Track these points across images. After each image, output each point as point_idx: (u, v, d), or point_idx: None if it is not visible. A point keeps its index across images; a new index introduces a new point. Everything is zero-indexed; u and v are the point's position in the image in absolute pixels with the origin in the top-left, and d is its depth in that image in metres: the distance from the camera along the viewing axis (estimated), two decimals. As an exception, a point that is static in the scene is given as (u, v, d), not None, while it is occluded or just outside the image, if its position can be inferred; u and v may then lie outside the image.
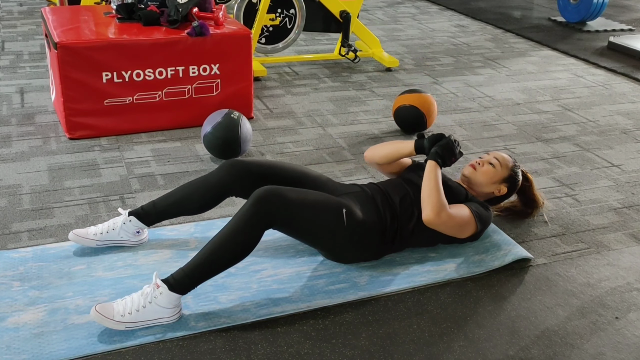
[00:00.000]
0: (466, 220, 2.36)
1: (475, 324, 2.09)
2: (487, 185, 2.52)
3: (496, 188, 2.53)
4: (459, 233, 2.37)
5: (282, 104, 3.90)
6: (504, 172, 2.52)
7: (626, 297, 2.26)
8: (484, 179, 2.51)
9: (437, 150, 2.37)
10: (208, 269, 2.01)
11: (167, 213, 2.35)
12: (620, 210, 2.84)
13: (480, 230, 2.43)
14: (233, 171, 2.30)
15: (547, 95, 4.27)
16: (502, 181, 2.53)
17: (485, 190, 2.52)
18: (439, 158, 2.36)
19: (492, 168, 2.52)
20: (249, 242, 2.06)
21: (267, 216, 2.06)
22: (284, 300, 2.15)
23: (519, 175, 2.57)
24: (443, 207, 2.28)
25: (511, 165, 2.55)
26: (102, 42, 3.17)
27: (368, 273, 2.31)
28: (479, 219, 2.39)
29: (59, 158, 3.07)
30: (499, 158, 2.54)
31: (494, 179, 2.51)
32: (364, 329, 2.04)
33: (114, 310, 1.96)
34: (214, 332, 2.00)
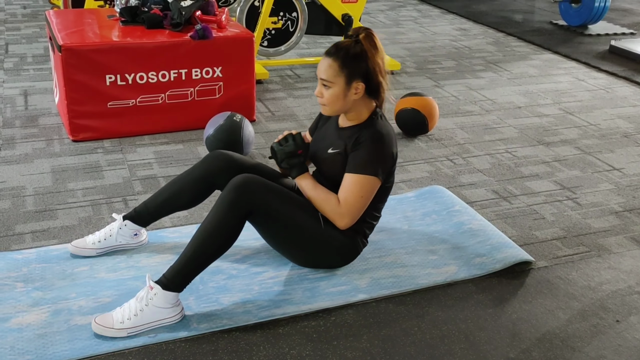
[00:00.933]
0: (362, 189, 2.15)
1: (476, 327, 2.09)
2: (345, 104, 2.18)
3: (353, 94, 2.16)
4: (370, 199, 2.19)
5: (284, 106, 3.91)
6: (341, 79, 2.13)
7: (627, 300, 2.26)
8: (337, 105, 2.18)
9: (284, 166, 2.25)
10: (196, 262, 2.02)
11: (159, 212, 2.35)
12: (622, 213, 2.84)
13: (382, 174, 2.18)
14: (217, 162, 2.30)
15: (548, 98, 4.28)
16: (349, 84, 2.13)
17: (350, 106, 2.19)
18: (292, 169, 2.23)
19: (329, 90, 2.16)
20: (232, 229, 2.05)
21: (245, 200, 2.05)
22: (286, 302, 2.16)
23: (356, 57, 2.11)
24: (337, 209, 2.16)
25: (340, 64, 2.11)
26: (106, 45, 3.19)
27: (369, 275, 2.31)
28: (369, 171, 2.15)
29: (62, 160, 3.09)
30: (325, 75, 2.14)
31: (341, 94, 2.15)
32: (365, 331, 2.05)
33: (113, 319, 1.97)
34: (216, 333, 2.01)
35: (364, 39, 2.14)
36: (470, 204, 2.85)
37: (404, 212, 2.75)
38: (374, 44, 2.15)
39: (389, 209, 2.74)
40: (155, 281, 2.01)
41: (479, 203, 2.88)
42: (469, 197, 2.93)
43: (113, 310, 2.01)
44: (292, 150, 2.24)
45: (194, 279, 2.05)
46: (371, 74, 2.15)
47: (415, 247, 2.50)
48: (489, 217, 2.75)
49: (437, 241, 2.54)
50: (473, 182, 3.07)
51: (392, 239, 2.55)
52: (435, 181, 3.07)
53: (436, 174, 3.14)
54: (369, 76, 2.15)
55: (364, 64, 2.13)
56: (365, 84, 2.16)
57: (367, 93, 2.19)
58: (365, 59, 2.13)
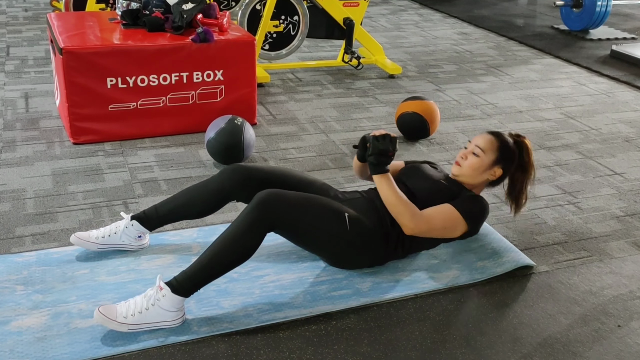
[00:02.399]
0: (449, 221, 2.29)
1: (477, 331, 2.09)
2: (477, 176, 2.40)
3: (489, 174, 2.41)
4: (448, 234, 2.33)
5: (285, 110, 3.91)
6: (491, 156, 2.38)
7: (629, 305, 2.26)
8: (471, 172, 2.39)
9: (371, 160, 2.26)
10: (210, 271, 2.02)
11: (168, 218, 2.35)
12: (623, 218, 2.84)
13: (472, 227, 2.36)
14: (234, 176, 2.30)
15: (549, 103, 4.28)
16: (493, 165, 2.39)
17: (478, 181, 2.42)
18: (377, 167, 2.25)
19: (476, 158, 2.39)
20: (251, 244, 2.06)
21: (269, 219, 2.07)
22: (287, 305, 2.16)
23: (511, 150, 2.41)
24: (414, 214, 2.22)
25: (498, 145, 2.39)
26: (107, 48, 3.19)
27: (370, 279, 2.31)
28: (468, 217, 2.31)
29: (62, 163, 3.08)
30: (481, 145, 2.39)
31: (481, 168, 2.39)
32: (365, 335, 2.04)
33: (117, 311, 1.96)
34: (217, 337, 2.00)
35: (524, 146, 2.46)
36: (472, 208, 2.84)
37: (405, 216, 2.74)
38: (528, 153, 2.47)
39: (390, 212, 2.73)
40: (166, 282, 2.01)
41: (480, 207, 2.87)
42: (470, 201, 2.92)
43: (118, 303, 2.01)
44: (386, 148, 2.24)
45: (203, 287, 2.04)
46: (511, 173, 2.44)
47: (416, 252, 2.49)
48: (490, 222, 2.74)
49: (439, 246, 2.53)
50: (474, 186, 3.06)
51: (393, 243, 2.54)
52: (437, 185, 3.06)
53: (437, 178, 3.14)
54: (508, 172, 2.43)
55: (514, 162, 2.42)
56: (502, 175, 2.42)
57: (496, 182, 2.45)
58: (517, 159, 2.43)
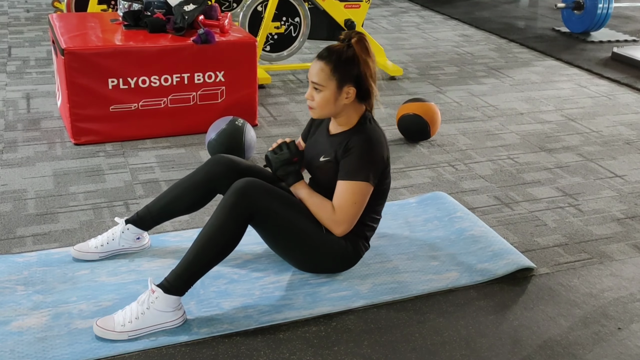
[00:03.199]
0: (354, 195, 2.15)
1: (478, 333, 2.09)
2: (335, 108, 2.16)
3: (344, 98, 2.14)
4: (364, 204, 2.19)
5: (286, 111, 3.91)
6: (332, 83, 2.12)
7: (629, 307, 2.25)
8: (328, 108, 2.16)
9: (280, 175, 2.24)
10: (198, 266, 2.02)
11: (161, 216, 2.35)
12: (624, 220, 2.84)
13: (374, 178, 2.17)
14: (218, 166, 2.30)
15: (550, 105, 4.28)
16: (340, 89, 2.12)
17: (341, 110, 2.18)
18: (288, 178, 2.23)
19: (320, 93, 2.15)
20: (233, 233, 2.05)
21: (247, 205, 2.06)
22: (287, 307, 2.16)
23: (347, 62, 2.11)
24: (332, 216, 2.16)
25: (331, 68, 2.11)
26: (109, 49, 3.19)
27: (370, 281, 2.31)
28: (360, 177, 2.14)
29: (64, 163, 3.09)
30: (316, 78, 2.13)
31: (332, 99, 2.14)
32: (365, 337, 2.04)
33: (115, 321, 1.97)
34: (217, 338, 2.00)
35: (356, 44, 2.14)
36: (472, 210, 2.84)
37: (405, 218, 2.75)
38: (365, 48, 2.15)
39: (390, 214, 2.74)
40: (157, 285, 2.01)
41: (481, 209, 2.87)
42: (470, 203, 2.92)
43: (115, 313, 2.01)
44: (287, 158, 2.24)
45: (195, 282, 2.04)
46: (362, 78, 2.15)
47: (416, 253, 2.49)
48: (490, 224, 2.74)
49: (439, 247, 2.54)
50: (475, 188, 3.07)
51: (393, 244, 2.55)
52: (437, 187, 3.06)
53: (438, 179, 3.14)
54: (360, 81, 2.15)
55: (355, 69, 2.13)
56: (356, 88, 2.16)
57: (357, 97, 2.19)
58: (357, 64, 2.13)
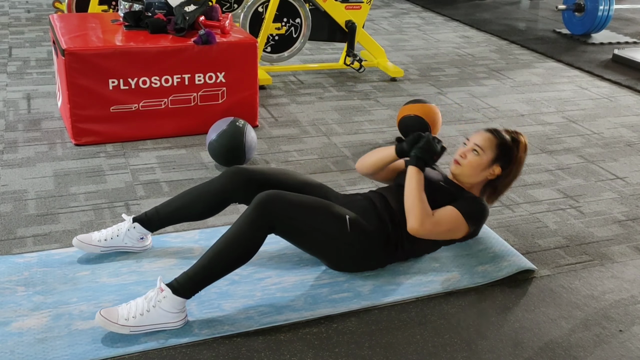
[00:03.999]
0: (453, 223, 2.28)
1: (479, 335, 2.08)
2: (476, 175, 2.37)
3: (488, 173, 2.37)
4: (449, 236, 2.32)
5: (287, 112, 3.91)
6: (490, 154, 2.35)
7: (630, 310, 2.25)
8: (471, 171, 2.37)
9: (417, 153, 2.29)
10: (211, 272, 2.02)
11: (170, 219, 2.35)
12: (625, 222, 2.83)
13: (474, 229, 2.36)
14: (236, 178, 2.31)
15: (551, 107, 4.28)
16: (492, 163, 2.36)
17: (477, 180, 2.39)
18: (420, 161, 2.29)
19: (475, 156, 2.35)
20: (251, 245, 2.06)
21: (269, 219, 2.07)
22: (288, 308, 2.15)
23: (510, 148, 2.37)
24: (426, 215, 2.23)
25: (497, 143, 2.36)
26: (109, 49, 3.19)
27: (371, 282, 2.31)
28: (470, 219, 2.30)
29: (64, 164, 3.08)
30: (480, 143, 2.36)
31: (480, 166, 2.36)
32: (366, 339, 2.04)
33: (119, 314, 1.96)
34: (217, 339, 2.00)
35: (522, 144, 2.39)
36: (473, 212, 2.84)
37: (406, 219, 2.74)
38: (525, 153, 2.40)
39: (391, 216, 2.73)
40: (167, 284, 2.01)
41: (482, 211, 2.87)
42: (471, 204, 2.92)
43: (119, 306, 2.01)
44: (436, 150, 2.31)
45: (204, 288, 2.04)
46: (508, 173, 2.38)
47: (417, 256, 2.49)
48: (491, 225, 2.74)
49: (440, 249, 2.53)
50: (476, 190, 3.06)
51: (394, 246, 2.54)
52: (438, 188, 3.06)
53: (439, 181, 3.13)
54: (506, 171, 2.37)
55: (510, 160, 2.37)
56: (502, 174, 2.37)
57: (493, 182, 2.39)
58: (514, 158, 2.37)
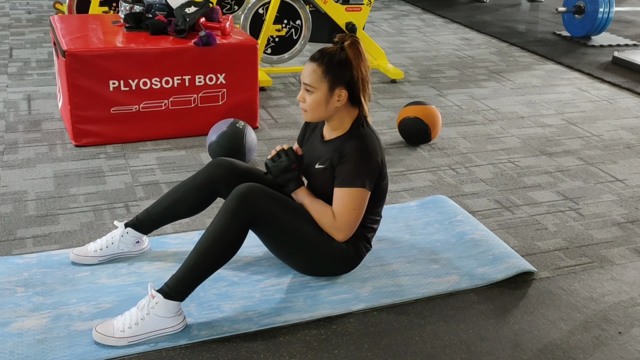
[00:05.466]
0: (352, 202, 2.15)
1: (478, 337, 2.08)
2: (327, 111, 2.16)
3: (336, 102, 2.13)
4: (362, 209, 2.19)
5: (287, 114, 3.91)
6: (324, 84, 2.11)
7: (630, 312, 2.25)
8: (319, 111, 2.16)
9: (279, 182, 2.24)
10: (199, 271, 2.02)
11: (161, 219, 2.35)
12: (624, 225, 2.84)
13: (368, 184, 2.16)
14: (219, 169, 2.29)
15: (551, 109, 4.28)
16: (331, 91, 2.11)
17: (332, 114, 2.17)
18: (287, 186, 2.23)
19: (312, 95, 2.14)
20: (233, 238, 2.05)
21: (248, 210, 2.05)
22: (287, 309, 2.15)
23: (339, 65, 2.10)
24: (332, 224, 2.16)
25: (324, 70, 2.11)
26: (110, 51, 3.19)
27: (371, 284, 2.31)
28: (359, 183, 2.14)
29: (64, 165, 3.09)
30: (308, 80, 2.13)
31: (323, 101, 2.13)
32: (366, 340, 2.04)
33: (114, 327, 1.96)
34: (217, 340, 2.00)
35: (349, 47, 2.13)
36: (473, 214, 2.84)
37: (405, 221, 2.74)
38: (358, 52, 2.14)
39: (390, 217, 2.74)
40: (157, 290, 2.00)
41: (482, 213, 2.87)
42: (471, 206, 2.92)
43: (114, 318, 2.00)
44: (285, 165, 2.24)
45: (196, 287, 2.04)
46: (355, 82, 2.14)
47: (417, 257, 2.49)
48: (491, 227, 2.74)
49: (439, 251, 2.54)
50: (475, 192, 3.06)
51: (393, 248, 2.54)
52: (438, 190, 3.06)
53: (438, 183, 3.14)
54: (353, 84, 2.14)
55: (347, 72, 2.12)
56: (349, 91, 2.15)
57: (350, 101, 2.18)
58: (349, 67, 2.12)
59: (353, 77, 2.12)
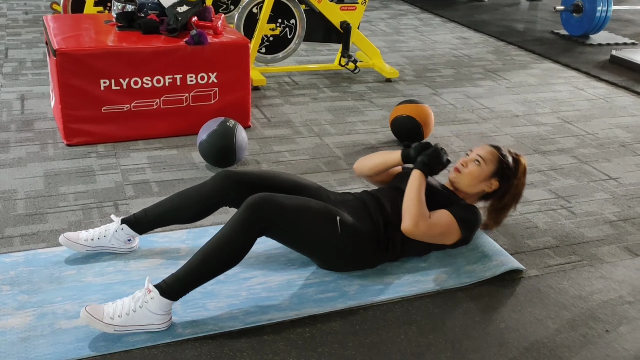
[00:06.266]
0: (447, 228, 2.34)
1: (464, 335, 2.07)
2: (474, 185, 2.45)
3: (486, 185, 2.45)
4: (442, 240, 2.37)
5: (280, 113, 3.90)
6: (491, 167, 2.43)
7: (618, 310, 2.24)
8: (470, 181, 2.44)
9: (424, 159, 2.35)
10: (200, 274, 2.01)
11: (158, 222, 2.34)
12: (616, 223, 2.82)
13: (466, 235, 2.40)
14: (226, 182, 2.30)
15: (546, 107, 4.26)
16: (491, 176, 2.44)
17: (474, 190, 2.46)
18: (425, 167, 2.34)
19: (476, 167, 2.43)
20: (242, 248, 2.06)
21: (260, 222, 2.06)
22: (273, 308, 2.15)
23: (509, 164, 2.45)
24: (421, 217, 2.27)
25: (498, 157, 2.44)
26: (101, 50, 3.19)
27: (358, 282, 2.30)
28: (463, 225, 2.36)
29: (55, 164, 3.08)
30: (483, 155, 2.44)
31: (480, 177, 2.43)
32: (351, 339, 2.03)
33: (104, 312, 1.95)
34: (200, 339, 1.99)
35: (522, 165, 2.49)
36: (463, 212, 2.83)
37: (395, 220, 2.73)
38: (525, 175, 2.50)
39: (380, 216, 2.73)
40: (155, 285, 2.00)
41: (472, 211, 2.86)
42: (462, 205, 2.91)
43: (105, 304, 2.00)
44: (441, 160, 2.37)
45: (192, 290, 2.04)
46: (508, 191, 2.47)
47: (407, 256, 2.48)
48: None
49: (428, 249, 2.52)
50: (467, 190, 3.05)
51: (382, 246, 2.53)
52: (429, 189, 3.04)
53: (430, 181, 3.12)
54: (505, 190, 2.47)
55: (511, 179, 2.46)
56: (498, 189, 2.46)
57: (491, 195, 2.48)
58: (513, 176, 2.46)
59: (509, 187, 2.46)
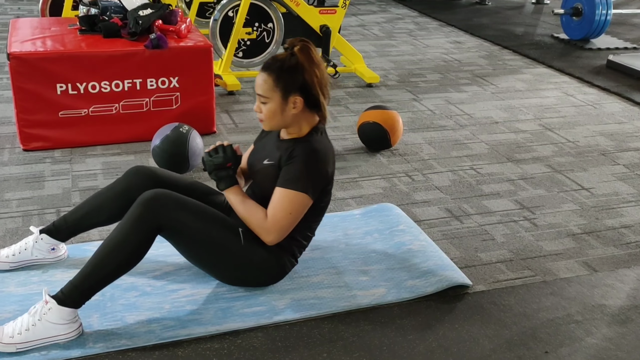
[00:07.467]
0: (290, 206, 2.06)
1: (390, 354, 1.96)
2: (285, 119, 2.09)
3: (291, 109, 2.07)
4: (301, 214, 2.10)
5: (249, 118, 3.82)
6: (277, 93, 2.05)
7: (562, 329, 2.10)
8: (276, 120, 2.09)
9: (212, 178, 2.15)
10: (97, 279, 1.93)
11: (78, 227, 2.27)
12: (579, 236, 2.68)
13: (314, 189, 2.09)
14: (137, 178, 2.22)
15: (529, 114, 4.12)
16: (285, 99, 2.06)
17: (291, 121, 2.11)
18: (219, 183, 2.15)
19: (266, 105, 2.08)
20: (137, 247, 1.96)
21: (154, 217, 1.97)
22: (194, 322, 2.05)
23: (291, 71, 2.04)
24: (262, 225, 2.07)
25: (274, 78, 2.04)
26: (56, 54, 3.14)
27: (290, 296, 2.19)
28: (294, 186, 2.06)
29: (7, 170, 3.03)
30: (261, 91, 2.06)
31: (279, 110, 2.07)
32: (269, 356, 1.93)
33: (4, 332, 1.88)
34: (111, 354, 1.91)
35: (300, 51, 2.06)
36: (419, 223, 2.71)
37: (345, 230, 2.63)
38: (309, 56, 2.07)
39: (329, 226, 2.62)
40: (52, 295, 1.93)
41: (428, 222, 2.74)
42: (419, 215, 2.79)
43: (6, 324, 1.93)
44: (220, 162, 2.15)
45: (93, 295, 1.96)
46: (309, 86, 2.07)
47: (347, 267, 2.37)
48: (434, 237, 2.61)
49: (372, 261, 2.41)
50: (427, 200, 2.93)
51: (324, 257, 2.43)
52: (388, 198, 2.93)
53: (391, 190, 3.01)
54: (307, 89, 2.07)
55: (300, 77, 2.06)
56: (304, 97, 2.08)
57: (307, 106, 2.11)
58: (301, 72, 2.05)
59: (306, 82, 2.06)
